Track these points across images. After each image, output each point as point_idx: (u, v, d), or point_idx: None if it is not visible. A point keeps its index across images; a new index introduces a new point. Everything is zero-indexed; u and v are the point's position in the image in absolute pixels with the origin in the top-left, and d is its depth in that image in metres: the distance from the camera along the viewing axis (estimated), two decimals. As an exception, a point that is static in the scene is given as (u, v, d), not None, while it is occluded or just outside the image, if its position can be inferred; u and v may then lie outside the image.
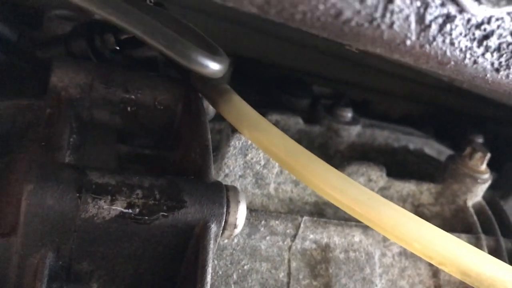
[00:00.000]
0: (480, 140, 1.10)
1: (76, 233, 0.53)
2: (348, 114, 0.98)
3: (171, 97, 0.72)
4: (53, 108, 0.68)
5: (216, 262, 0.65)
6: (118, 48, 0.81)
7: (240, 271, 0.66)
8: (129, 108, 0.71)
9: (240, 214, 0.57)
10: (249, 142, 0.71)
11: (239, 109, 0.68)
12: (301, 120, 0.94)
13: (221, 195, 0.57)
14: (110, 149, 0.66)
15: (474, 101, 1.20)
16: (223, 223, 0.56)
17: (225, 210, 0.56)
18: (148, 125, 0.72)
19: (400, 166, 1.00)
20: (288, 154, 0.63)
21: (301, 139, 0.96)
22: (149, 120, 0.72)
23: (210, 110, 0.75)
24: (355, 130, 0.98)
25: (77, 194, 0.51)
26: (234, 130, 0.70)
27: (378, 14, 0.36)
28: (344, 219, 0.73)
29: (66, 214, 0.51)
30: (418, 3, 0.36)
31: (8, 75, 0.81)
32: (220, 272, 0.65)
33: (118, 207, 0.53)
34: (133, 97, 0.71)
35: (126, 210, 0.53)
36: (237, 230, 0.58)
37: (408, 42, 0.38)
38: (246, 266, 0.66)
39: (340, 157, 0.97)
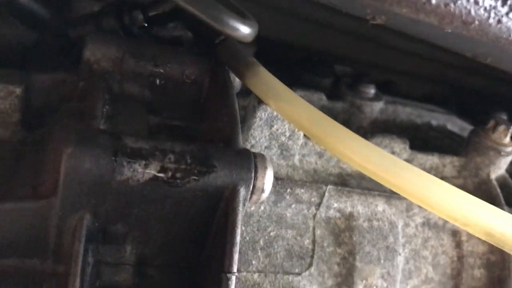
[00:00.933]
0: (504, 117, 1.10)
1: (112, 196, 0.55)
2: (371, 91, 0.99)
3: (199, 70, 0.74)
4: (86, 81, 0.71)
5: (243, 228, 0.67)
6: (146, 25, 0.83)
7: (266, 237, 0.68)
8: (158, 81, 0.73)
9: (268, 179, 0.59)
10: (275, 113, 0.72)
11: (265, 81, 0.70)
12: (324, 96, 0.96)
13: (249, 161, 0.59)
14: (140, 120, 0.68)
15: (497, 81, 1.19)
16: (251, 187, 0.58)
17: (253, 175, 0.58)
18: (177, 98, 0.74)
19: (422, 141, 1.01)
20: (313, 122, 0.65)
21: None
22: (177, 93, 0.74)
23: (236, 83, 0.77)
24: (378, 106, 0.98)
25: (113, 158, 0.54)
26: (260, 102, 0.72)
27: (404, -28, 0.37)
28: (368, 189, 0.75)
29: (103, 177, 0.54)
30: (444, -38, 0.37)
31: (41, 52, 0.84)
32: (247, 238, 0.67)
33: (152, 171, 0.55)
34: (162, 70, 0.73)
35: (159, 174, 0.55)
36: (265, 195, 0.60)
37: (433, 1, 0.40)
38: (272, 232, 0.68)
39: (363, 133, 0.98)
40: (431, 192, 0.54)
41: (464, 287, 0.77)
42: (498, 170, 0.84)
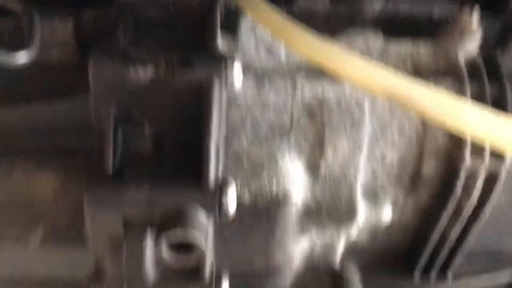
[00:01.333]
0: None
1: (127, 91, 0.80)
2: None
3: (203, -5, 0.95)
4: (117, 13, 0.95)
5: (234, 111, 0.89)
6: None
7: (253, 117, 0.90)
8: (171, 7, 0.96)
9: (236, 71, 0.81)
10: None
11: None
12: (327, 1, 1.11)
13: (220, 60, 0.80)
14: (154, 37, 0.92)
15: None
16: (223, 78, 0.80)
17: (223, 69, 0.80)
18: (187, 19, 0.96)
19: (423, 34, 1.12)
20: (277, 26, 0.83)
21: (329, 19, 1.12)
22: (187, 15, 0.96)
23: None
24: (378, 5, 1.11)
25: (122, 66, 0.79)
26: (244, 13, 0.91)
27: None
28: (337, 76, 0.92)
29: (117, 79, 0.79)
30: None
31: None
32: (237, 120, 0.89)
33: (149, 73, 0.79)
34: (171, -3, 0.95)
35: (155, 74, 0.79)
36: (236, 84, 0.81)
37: None
38: (257, 113, 0.90)
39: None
40: (341, 63, 0.72)
41: (428, 152, 0.93)
42: (466, 51, 0.95)
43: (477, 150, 0.91)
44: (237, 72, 0.81)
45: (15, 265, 0.95)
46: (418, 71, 0.97)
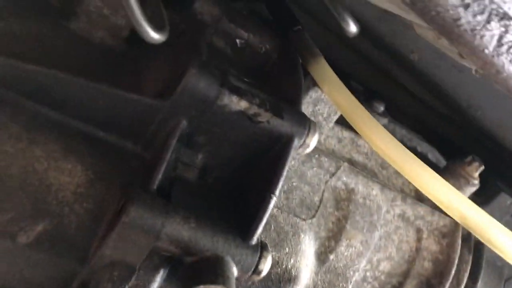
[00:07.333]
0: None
1: (208, 114, 0.73)
2: (381, 107, 1.20)
3: (273, 45, 0.93)
4: (186, 24, 0.88)
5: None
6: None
7: (289, 185, 0.88)
8: (239, 43, 0.92)
9: (314, 139, 0.79)
10: (322, 96, 0.92)
11: (324, 70, 0.89)
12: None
13: (306, 121, 0.78)
14: (224, 68, 0.86)
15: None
16: (302, 141, 0.78)
17: (306, 132, 0.78)
18: (248, 61, 0.93)
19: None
20: (351, 109, 0.85)
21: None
22: (250, 57, 0.93)
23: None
24: (383, 122, 1.20)
25: (220, 87, 0.72)
26: (314, 84, 0.91)
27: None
28: (370, 176, 0.96)
29: (208, 98, 0.72)
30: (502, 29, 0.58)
31: None
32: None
33: (242, 105, 0.74)
34: (245, 37, 0.92)
35: (246, 110, 0.74)
36: (309, 150, 0.79)
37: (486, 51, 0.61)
38: (294, 183, 0.88)
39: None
40: (429, 184, 0.75)
41: (414, 272, 0.99)
42: (463, 196, 1.07)
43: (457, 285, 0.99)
44: (315, 139, 0.79)
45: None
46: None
